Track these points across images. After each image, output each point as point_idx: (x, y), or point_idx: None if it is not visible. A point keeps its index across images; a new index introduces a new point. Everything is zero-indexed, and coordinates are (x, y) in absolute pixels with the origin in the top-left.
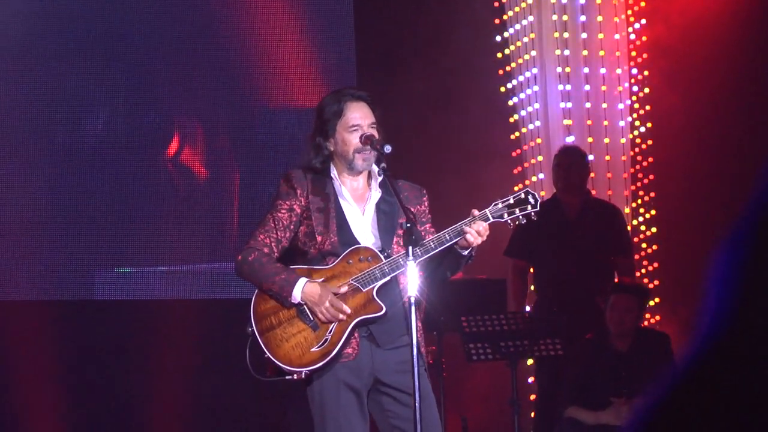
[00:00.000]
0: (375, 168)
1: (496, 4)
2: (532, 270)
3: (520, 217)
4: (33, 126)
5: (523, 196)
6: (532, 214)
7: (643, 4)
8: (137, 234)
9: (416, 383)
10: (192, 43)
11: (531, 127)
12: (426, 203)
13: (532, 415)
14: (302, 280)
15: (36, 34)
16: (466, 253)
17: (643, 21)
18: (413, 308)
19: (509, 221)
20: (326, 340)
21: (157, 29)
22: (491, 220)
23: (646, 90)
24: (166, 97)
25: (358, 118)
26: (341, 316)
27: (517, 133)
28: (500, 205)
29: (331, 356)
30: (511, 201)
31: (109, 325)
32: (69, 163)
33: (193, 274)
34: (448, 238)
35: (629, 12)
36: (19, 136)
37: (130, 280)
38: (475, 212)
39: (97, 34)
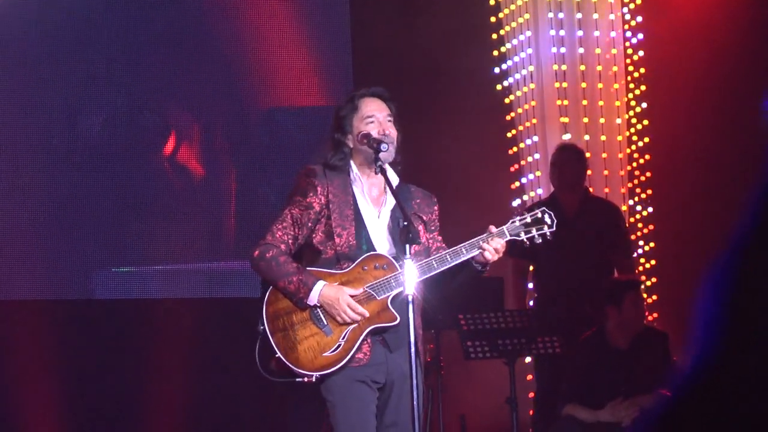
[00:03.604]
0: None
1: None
2: (531, 268)
3: (536, 236)
4: (31, 126)
5: (539, 215)
6: (548, 234)
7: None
8: (135, 233)
9: (414, 381)
10: (189, 43)
11: (527, 125)
12: (437, 212)
13: (531, 412)
14: (320, 283)
15: (33, 35)
16: (481, 268)
17: (639, 18)
18: (411, 306)
19: (525, 240)
20: (339, 345)
21: (155, 29)
22: (508, 237)
23: (643, 87)
24: (163, 97)
25: (373, 109)
26: (359, 318)
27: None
28: (517, 223)
29: (342, 363)
30: (528, 220)
31: (107, 325)
32: (67, 163)
33: (191, 273)
34: (464, 252)
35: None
36: (17, 136)
37: (129, 279)
38: (493, 228)
39: (95, 34)
